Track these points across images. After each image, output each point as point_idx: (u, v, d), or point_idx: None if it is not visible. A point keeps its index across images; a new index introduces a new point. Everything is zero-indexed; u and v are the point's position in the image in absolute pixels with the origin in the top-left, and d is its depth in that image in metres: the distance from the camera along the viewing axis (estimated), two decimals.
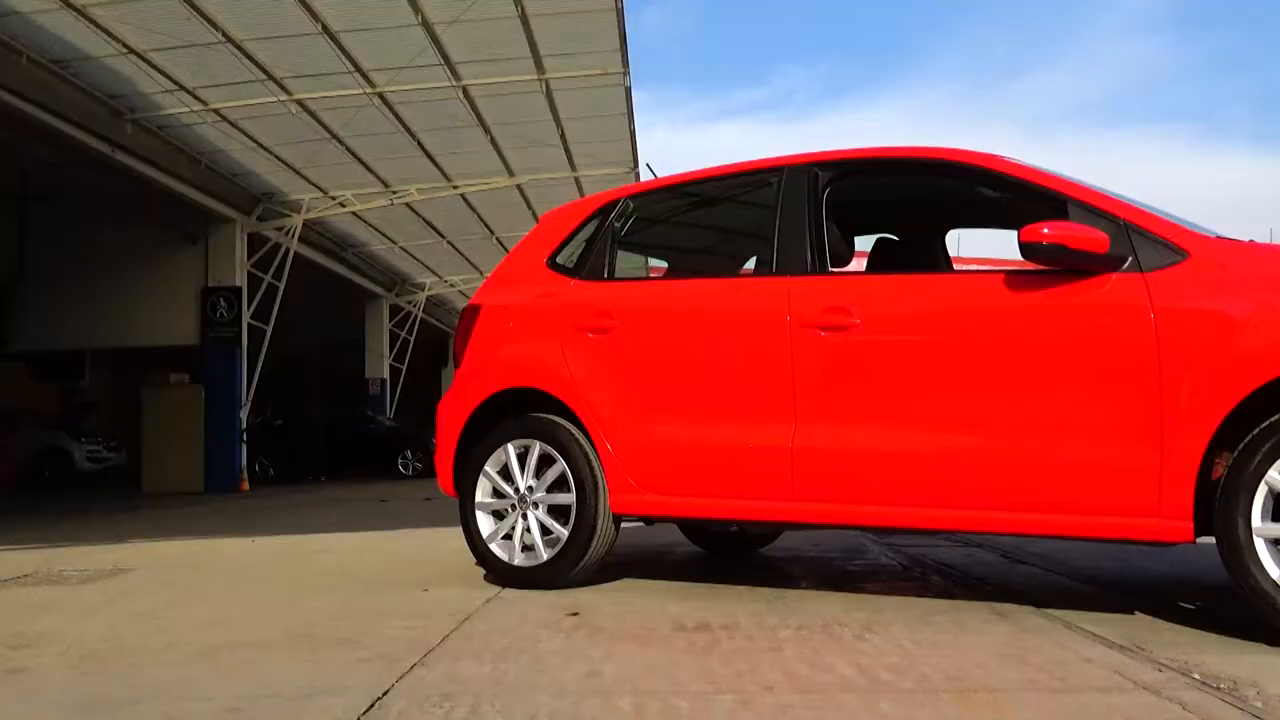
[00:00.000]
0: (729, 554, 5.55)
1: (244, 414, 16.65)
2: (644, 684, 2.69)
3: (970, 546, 5.53)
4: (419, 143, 14.41)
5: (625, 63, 12.08)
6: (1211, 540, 3.17)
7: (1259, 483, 3.03)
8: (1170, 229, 3.37)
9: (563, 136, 14.32)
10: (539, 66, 12.08)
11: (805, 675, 2.76)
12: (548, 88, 12.62)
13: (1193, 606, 3.76)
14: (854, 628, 3.37)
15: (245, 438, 16.74)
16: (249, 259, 16.87)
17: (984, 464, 3.47)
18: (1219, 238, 3.40)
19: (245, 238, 16.78)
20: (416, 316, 25.64)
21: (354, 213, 17.38)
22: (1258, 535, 3.04)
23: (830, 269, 3.98)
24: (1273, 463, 3.01)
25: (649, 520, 4.58)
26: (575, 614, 3.70)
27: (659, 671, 2.83)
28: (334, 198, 16.71)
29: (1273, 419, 3.03)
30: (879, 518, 3.72)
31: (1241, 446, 3.07)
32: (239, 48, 11.19)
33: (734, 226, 5.41)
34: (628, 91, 12.94)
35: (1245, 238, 3.50)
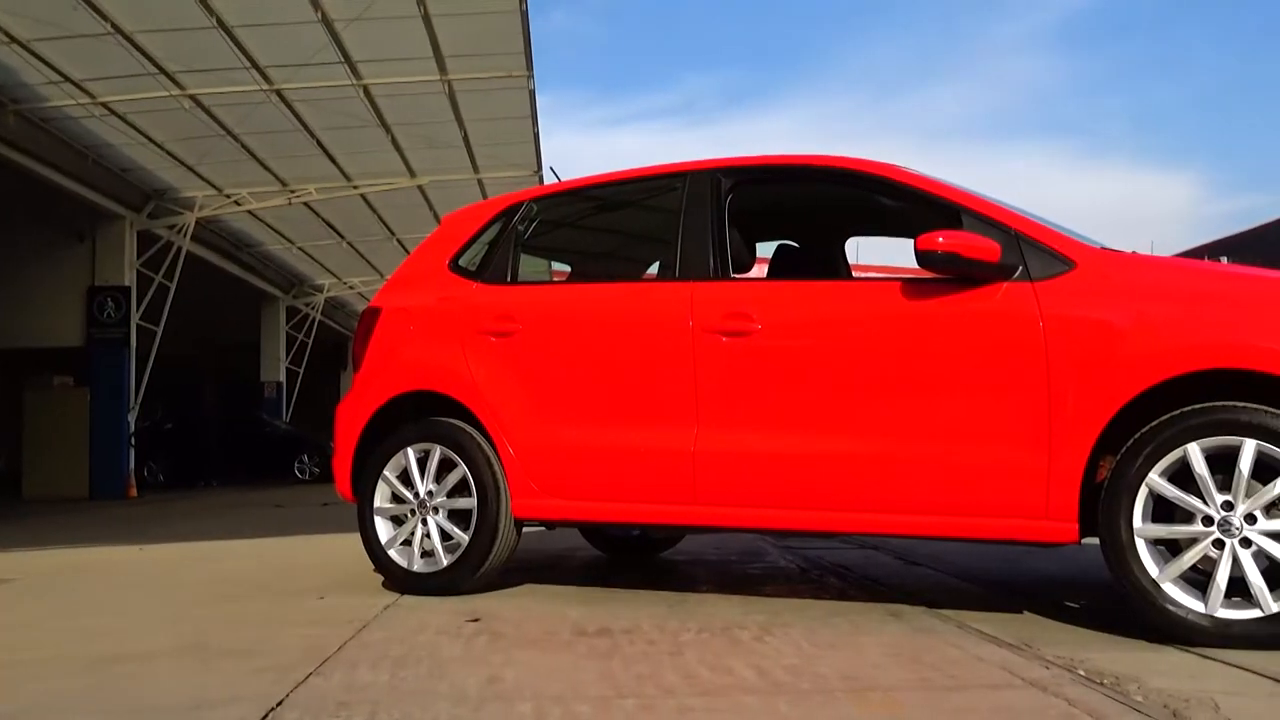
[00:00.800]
0: (631, 558, 5.56)
1: (132, 417, 16.12)
2: (545, 689, 2.68)
3: (866, 549, 5.63)
4: (318, 141, 14.13)
5: (529, 65, 12.02)
6: (1096, 541, 3.28)
7: (1140, 485, 3.15)
8: (1058, 239, 3.48)
9: (466, 138, 14.19)
10: (441, 67, 11.95)
11: (706, 678, 2.77)
12: (450, 89, 12.49)
13: (1078, 605, 3.88)
14: (753, 630, 3.41)
15: (134, 442, 16.21)
16: (139, 258, 16.34)
17: (880, 468, 3.54)
18: (1103, 249, 3.53)
19: (135, 236, 16.23)
20: (314, 319, 25.13)
21: (250, 211, 16.95)
22: (1138, 535, 3.15)
23: (732, 275, 4.02)
24: (1153, 466, 3.13)
25: (551, 525, 4.56)
26: (476, 620, 3.67)
27: (560, 676, 2.82)
28: (229, 196, 16.27)
29: (1153, 424, 3.16)
30: (779, 521, 3.77)
31: (1124, 450, 3.19)
32: (129, 39, 10.84)
33: (638, 231, 5.43)
34: (532, 94, 12.88)
35: (1127, 249, 3.65)
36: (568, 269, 5.75)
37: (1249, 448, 3.03)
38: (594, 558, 5.61)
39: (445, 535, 4.24)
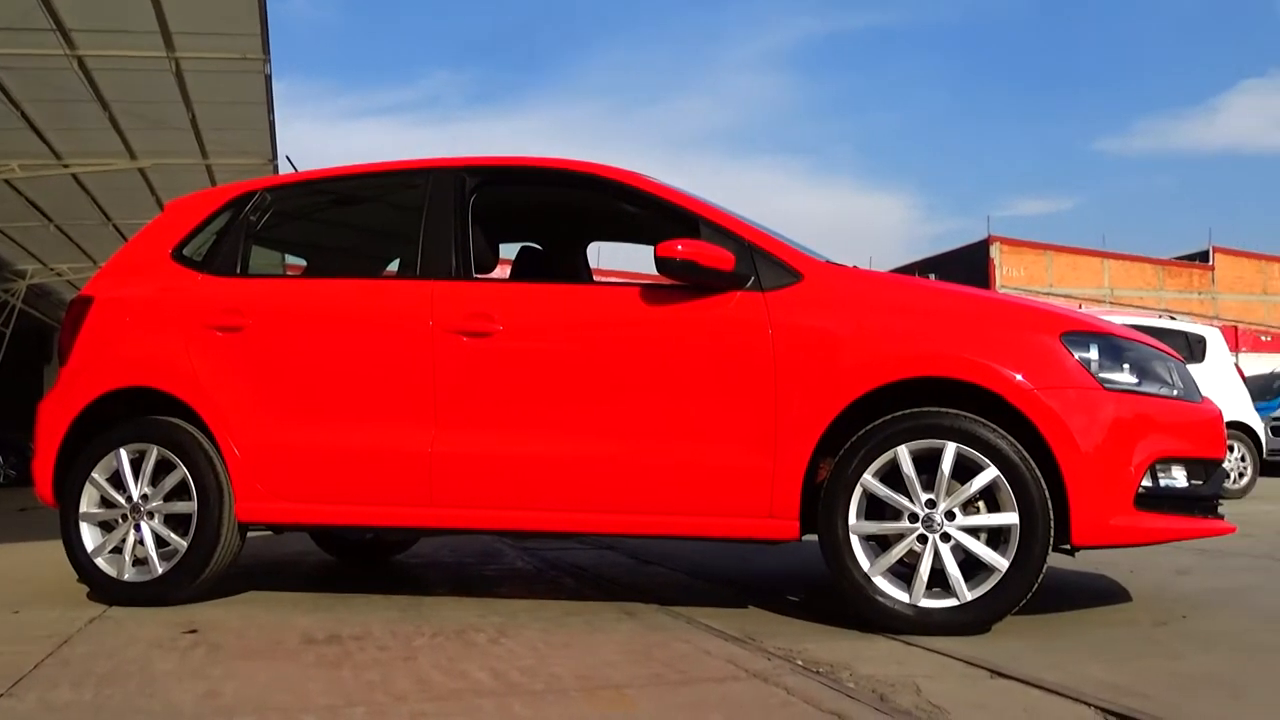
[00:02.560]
0: (363, 562, 5.41)
1: None
2: (269, 701, 2.56)
3: (602, 549, 5.72)
4: (23, 113, 12.91)
5: (266, 49, 11.47)
6: (815, 538, 3.48)
7: (856, 485, 3.37)
8: (788, 252, 3.67)
9: (194, 121, 13.36)
10: (169, 44, 11.20)
11: (439, 682, 2.73)
12: (178, 67, 11.72)
13: (798, 599, 4.10)
14: (489, 632, 3.39)
15: None
16: None
17: (618, 469, 3.61)
18: (828, 262, 3.75)
19: None
20: (15, 307, 22.99)
21: None
22: (853, 532, 3.37)
23: (475, 275, 3.99)
24: (867, 467, 3.36)
25: (278, 529, 4.37)
26: (193, 631, 3.46)
27: (285, 687, 2.70)
28: None
29: (868, 428, 3.38)
30: (517, 522, 3.77)
31: (841, 453, 3.40)
32: None
33: (378, 227, 5.29)
34: (268, 79, 12.30)
35: (849, 263, 3.89)
36: (303, 263, 5.53)
37: (950, 450, 3.30)
38: (324, 562, 5.42)
39: (161, 542, 3.97)
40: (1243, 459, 10.28)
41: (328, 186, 4.62)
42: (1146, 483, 3.34)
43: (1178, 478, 3.43)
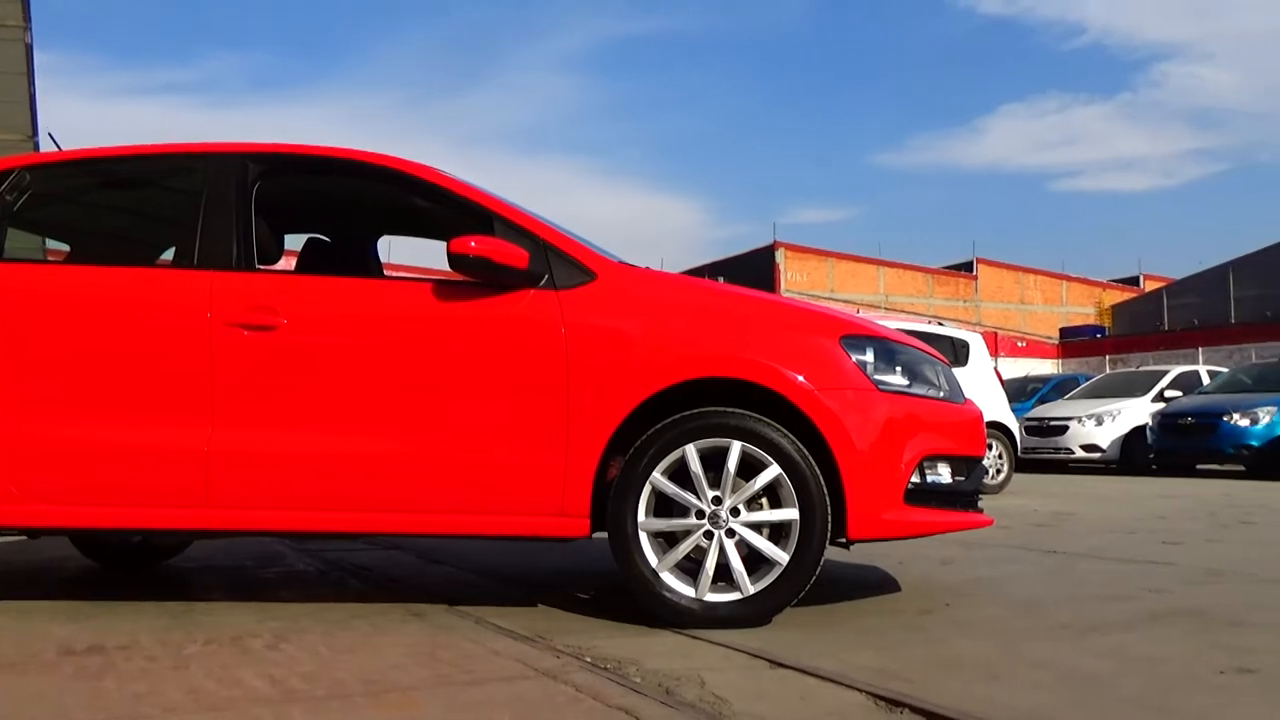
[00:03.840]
0: (131, 567, 5.09)
1: None
2: (21, 717, 2.38)
3: (389, 549, 5.60)
4: None
5: (26, 16, 10.69)
6: (604, 535, 3.52)
7: (645, 483, 3.43)
8: (582, 251, 3.70)
9: None
10: None
11: (212, 692, 2.61)
12: None
13: (587, 596, 4.13)
14: (267, 638, 3.26)
15: None
16: None
17: (406, 467, 3.54)
18: (621, 263, 3.80)
19: None
20: None
21: None
22: (641, 529, 3.43)
23: (257, 266, 3.82)
24: (656, 465, 3.42)
25: (34, 533, 4.06)
26: None
27: (41, 702, 2.52)
28: None
29: (657, 426, 3.45)
30: (299, 523, 3.64)
31: (631, 451, 3.45)
32: None
33: (152, 213, 5.00)
34: (28, 49, 11.46)
35: (642, 264, 3.95)
36: (66, 248, 5.16)
37: (735, 449, 3.40)
38: (86, 568, 5.07)
39: None
40: (1000, 457, 11.03)
41: (96, 167, 4.32)
42: (915, 479, 3.55)
43: (943, 474, 3.66)
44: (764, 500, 3.46)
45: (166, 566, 5.14)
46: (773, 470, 3.40)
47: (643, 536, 3.43)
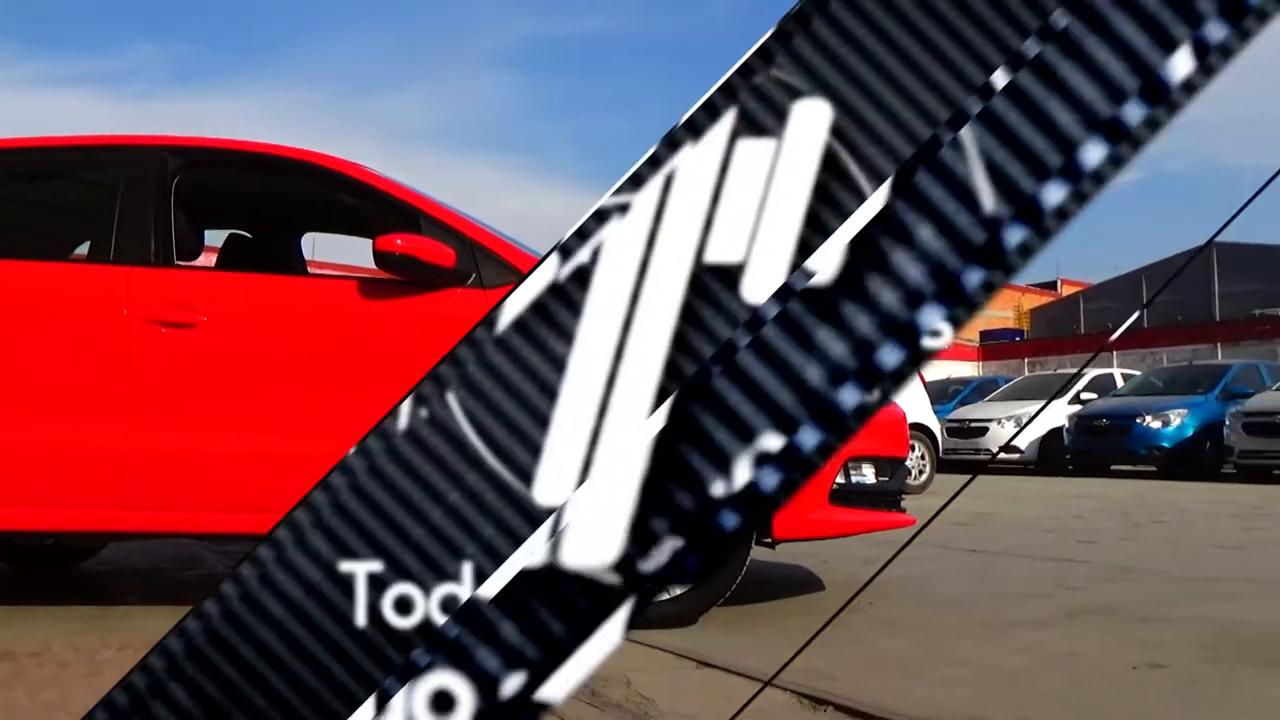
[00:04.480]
0: (44, 570, 4.95)
1: None
2: None
3: None
4: None
5: None
6: None
7: None
8: (510, 251, 3.68)
9: None
10: None
11: None
12: None
13: None
14: None
15: None
16: None
17: (329, 467, 3.48)
18: None
19: None
20: None
21: None
22: None
23: (176, 262, 3.74)
24: None
25: None
26: None
27: None
28: None
29: None
30: (219, 525, 3.57)
31: None
32: None
33: (65, 205, 4.86)
34: None
35: None
36: None
37: None
38: None
39: None
40: (923, 457, 11.23)
41: (7, 159, 4.18)
42: (840, 479, 3.59)
43: (867, 474, 3.71)
44: None
45: (81, 569, 5.01)
46: None
47: None
